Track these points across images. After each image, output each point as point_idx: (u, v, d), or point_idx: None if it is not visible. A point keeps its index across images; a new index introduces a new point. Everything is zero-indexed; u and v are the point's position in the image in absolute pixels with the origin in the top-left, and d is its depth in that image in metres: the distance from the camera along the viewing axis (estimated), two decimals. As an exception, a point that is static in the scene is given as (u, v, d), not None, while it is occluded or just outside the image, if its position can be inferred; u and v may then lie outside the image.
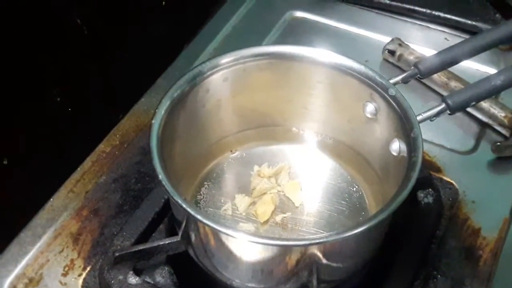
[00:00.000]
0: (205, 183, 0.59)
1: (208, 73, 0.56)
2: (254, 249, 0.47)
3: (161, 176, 0.47)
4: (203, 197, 0.58)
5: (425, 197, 0.59)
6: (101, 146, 0.66)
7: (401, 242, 0.55)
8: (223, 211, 0.57)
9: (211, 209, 0.57)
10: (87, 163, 0.65)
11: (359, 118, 0.56)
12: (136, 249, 0.54)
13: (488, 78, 0.53)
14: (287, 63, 0.57)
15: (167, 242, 0.54)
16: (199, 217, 0.45)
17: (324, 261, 0.47)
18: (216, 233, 0.47)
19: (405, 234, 0.56)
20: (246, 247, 0.47)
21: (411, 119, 0.50)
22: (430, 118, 0.51)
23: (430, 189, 0.60)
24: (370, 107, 0.55)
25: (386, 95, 0.53)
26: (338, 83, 0.57)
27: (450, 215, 0.60)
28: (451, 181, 0.62)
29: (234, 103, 0.59)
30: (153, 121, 0.51)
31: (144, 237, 0.57)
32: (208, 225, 0.45)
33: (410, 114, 0.51)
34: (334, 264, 0.49)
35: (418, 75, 0.54)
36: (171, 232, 0.57)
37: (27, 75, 0.67)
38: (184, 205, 0.46)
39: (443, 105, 0.51)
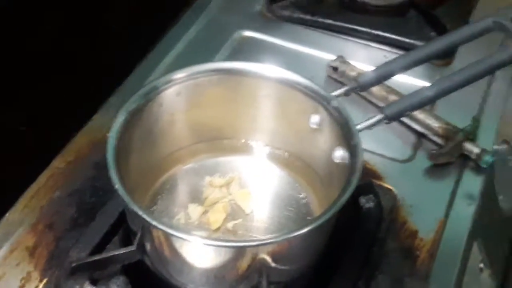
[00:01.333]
0: (159, 194, 0.61)
1: (162, 88, 0.58)
2: (206, 253, 0.50)
3: (117, 185, 0.49)
4: (157, 207, 0.60)
5: (367, 202, 0.62)
6: (55, 162, 0.67)
7: (345, 244, 0.59)
8: (176, 220, 0.59)
9: (165, 219, 0.59)
10: (42, 178, 0.66)
11: (305, 129, 0.60)
12: (92, 260, 0.56)
13: (421, 89, 0.57)
14: (237, 78, 0.60)
15: (122, 251, 0.55)
16: (154, 222, 0.47)
17: (273, 262, 0.50)
18: (170, 238, 0.49)
19: (348, 236, 0.59)
20: (198, 251, 0.50)
21: (351, 128, 0.54)
22: (369, 127, 0.55)
23: (371, 195, 0.63)
24: (314, 118, 0.59)
25: (329, 106, 0.57)
26: (284, 97, 0.60)
27: (390, 218, 0.63)
28: (390, 187, 0.66)
29: (186, 117, 0.62)
30: (109, 134, 0.53)
31: (99, 248, 0.59)
32: (162, 230, 0.47)
33: (351, 123, 0.55)
34: (282, 266, 0.52)
35: (358, 89, 0.58)
36: (126, 243, 0.59)
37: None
38: (139, 212, 0.48)
39: (381, 115, 0.55)
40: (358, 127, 0.55)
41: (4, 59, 0.69)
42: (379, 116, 0.55)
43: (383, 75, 0.59)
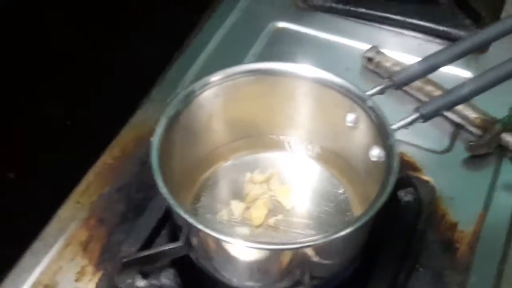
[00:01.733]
0: (202, 190, 0.63)
1: (200, 90, 0.60)
2: (250, 253, 0.52)
3: (163, 190, 0.52)
4: (201, 204, 0.62)
5: (405, 195, 0.63)
6: (103, 158, 0.70)
7: (385, 238, 0.60)
8: (220, 217, 0.61)
9: (208, 215, 0.62)
10: (91, 174, 0.69)
11: (341, 127, 0.61)
12: (142, 255, 0.58)
13: (458, 87, 0.57)
14: (274, 78, 0.62)
15: (170, 247, 0.58)
16: (199, 226, 0.50)
17: (315, 260, 0.52)
18: (213, 238, 0.52)
19: (388, 230, 0.60)
20: (242, 251, 0.52)
21: (386, 128, 0.55)
22: (405, 126, 0.56)
23: (410, 188, 0.64)
24: (350, 117, 0.60)
25: (364, 106, 0.58)
26: (321, 95, 0.61)
27: (429, 211, 0.64)
28: (429, 179, 0.67)
29: (225, 116, 0.64)
30: (152, 139, 0.55)
31: (148, 242, 0.61)
32: (207, 233, 0.50)
33: (386, 123, 0.55)
34: (325, 262, 0.53)
35: (393, 87, 0.59)
36: (173, 237, 0.62)
37: (30, 90, 0.71)
38: (184, 216, 0.50)
39: (417, 114, 0.56)
40: (393, 127, 0.55)
41: (46, 54, 0.71)
42: (415, 116, 0.56)
43: (418, 73, 0.59)
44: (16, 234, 0.65)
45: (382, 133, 0.55)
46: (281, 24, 0.86)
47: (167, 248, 0.58)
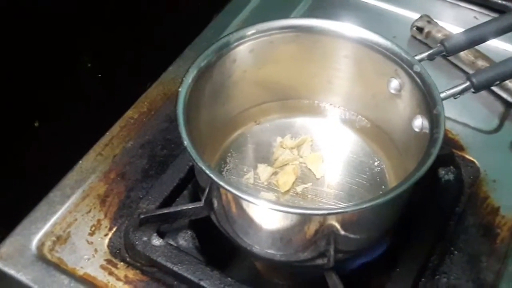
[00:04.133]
0: (228, 152, 0.60)
1: (235, 44, 0.56)
2: (274, 217, 0.49)
3: (186, 142, 0.49)
4: (227, 165, 0.59)
5: (446, 174, 0.60)
6: (129, 112, 0.68)
7: (420, 217, 0.56)
8: (245, 180, 0.58)
9: (233, 177, 0.59)
10: (116, 128, 0.66)
11: (383, 93, 0.57)
12: (161, 212, 0.56)
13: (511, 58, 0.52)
14: (313, 36, 0.58)
15: (190, 207, 0.55)
16: (221, 183, 0.47)
17: (342, 232, 0.48)
18: (237, 199, 0.49)
19: (424, 210, 0.57)
20: (266, 214, 0.49)
21: (434, 96, 0.51)
22: (454, 95, 0.52)
23: (451, 167, 0.60)
24: (394, 83, 0.55)
25: (411, 71, 0.53)
26: (363, 58, 0.57)
27: (470, 193, 0.60)
28: (473, 160, 0.63)
29: (259, 74, 0.60)
30: (180, 89, 0.52)
31: (168, 201, 0.59)
32: (230, 191, 0.46)
33: (434, 91, 0.51)
34: (352, 235, 0.50)
35: (444, 53, 0.54)
36: (195, 198, 0.59)
37: (59, 41, 0.69)
38: (207, 171, 0.47)
39: (468, 83, 0.52)
40: (442, 95, 0.51)
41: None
42: (466, 84, 0.52)
43: (474, 40, 0.54)
44: (38, 186, 0.63)
45: (428, 102, 0.51)
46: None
47: (187, 207, 0.56)
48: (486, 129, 0.66)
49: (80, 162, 0.63)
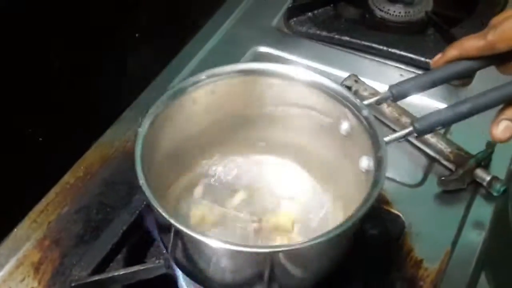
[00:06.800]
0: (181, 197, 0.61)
1: (192, 88, 0.59)
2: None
3: (141, 181, 0.50)
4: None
5: (372, 228, 0.62)
6: (65, 178, 0.69)
7: (346, 271, 0.58)
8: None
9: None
10: (51, 194, 0.67)
11: (333, 134, 0.59)
12: (92, 280, 0.57)
13: (454, 105, 0.53)
14: (268, 79, 0.60)
15: (121, 273, 0.56)
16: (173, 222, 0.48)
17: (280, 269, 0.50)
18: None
19: (350, 264, 0.58)
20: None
21: (379, 139, 0.53)
22: (398, 139, 0.53)
23: (377, 221, 0.62)
24: (344, 125, 0.58)
25: (359, 115, 0.56)
26: (314, 101, 0.59)
27: (396, 246, 0.62)
28: (398, 213, 0.65)
29: (213, 118, 0.61)
30: (139, 129, 0.54)
31: (101, 267, 0.60)
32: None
33: (379, 135, 0.53)
34: (290, 274, 0.51)
35: (391, 98, 0.56)
36: (129, 263, 0.60)
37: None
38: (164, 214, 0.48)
39: (411, 128, 0.53)
40: (386, 139, 0.53)
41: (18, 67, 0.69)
42: (409, 129, 0.53)
43: (420, 85, 0.55)
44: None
45: (373, 144, 0.53)
46: (263, 49, 0.85)
47: (119, 273, 0.56)
48: (411, 183, 0.69)
49: (15, 230, 0.64)
